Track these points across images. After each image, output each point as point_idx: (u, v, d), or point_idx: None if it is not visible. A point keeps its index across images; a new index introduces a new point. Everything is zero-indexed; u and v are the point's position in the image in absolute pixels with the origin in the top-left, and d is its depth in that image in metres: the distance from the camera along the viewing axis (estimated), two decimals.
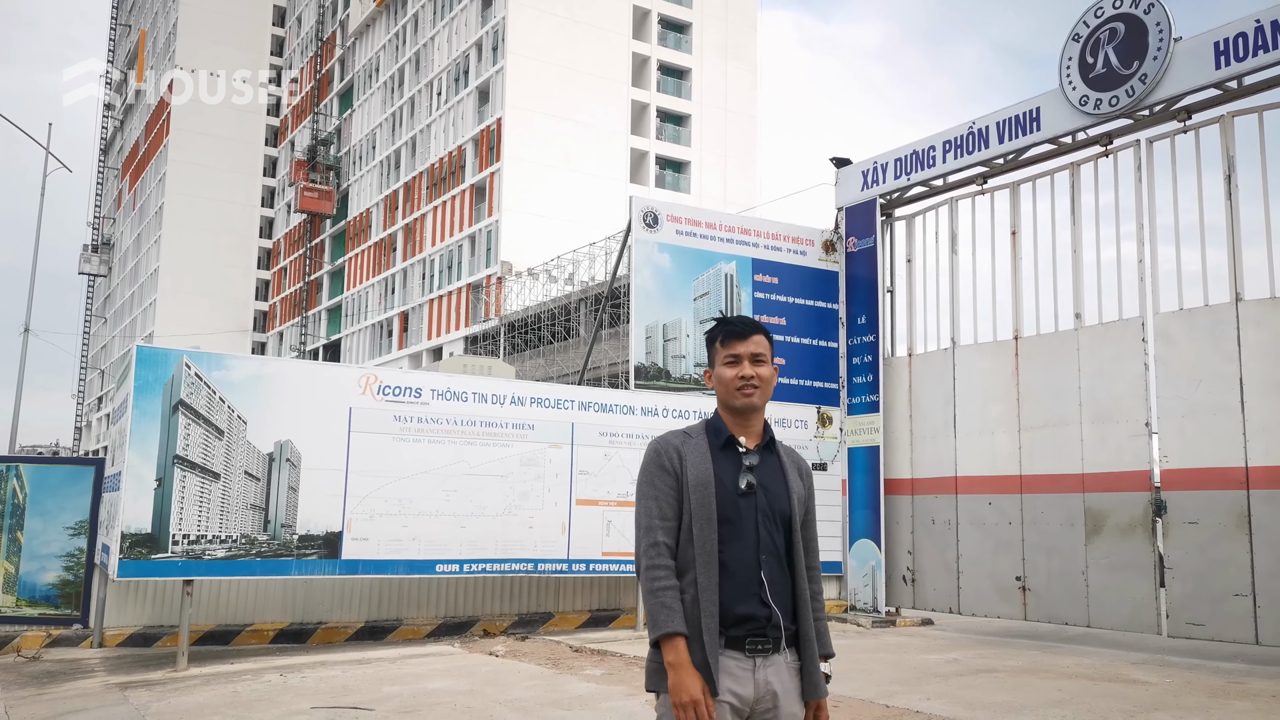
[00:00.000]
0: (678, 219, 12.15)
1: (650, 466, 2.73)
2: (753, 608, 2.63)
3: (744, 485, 2.71)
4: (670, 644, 2.55)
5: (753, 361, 2.82)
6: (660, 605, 2.59)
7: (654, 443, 2.81)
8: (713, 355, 2.89)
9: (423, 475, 9.98)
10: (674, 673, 2.54)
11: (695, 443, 2.78)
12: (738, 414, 2.82)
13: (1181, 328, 9.45)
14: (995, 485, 10.97)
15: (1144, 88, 9.74)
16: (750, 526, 2.68)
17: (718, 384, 2.85)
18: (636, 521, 2.72)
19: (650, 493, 2.70)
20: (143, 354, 8.90)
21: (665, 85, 56.97)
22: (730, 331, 2.86)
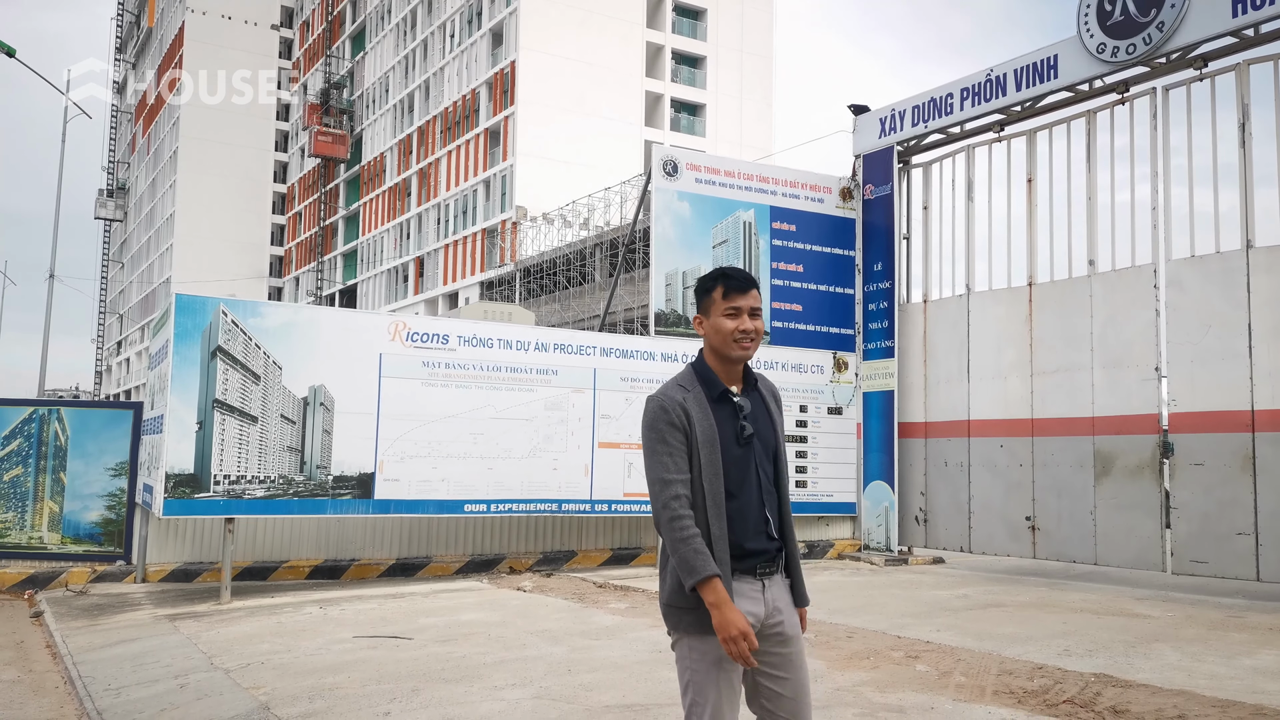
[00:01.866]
0: (697, 167, 12.32)
1: (659, 423, 2.81)
2: (761, 543, 2.84)
3: (745, 435, 2.87)
4: (708, 586, 2.70)
5: (751, 315, 2.91)
6: (693, 552, 2.72)
7: (658, 399, 2.86)
8: (708, 304, 2.95)
9: (451, 419, 10.31)
10: (718, 611, 2.68)
11: (694, 396, 2.87)
12: (729, 363, 2.92)
13: (1193, 274, 9.63)
14: (1007, 428, 11.24)
15: (1161, 35, 9.81)
16: (752, 472, 2.86)
17: (714, 334, 2.91)
18: (650, 476, 2.81)
19: (664, 449, 2.80)
20: (181, 302, 9.20)
21: (680, 26, 56.40)
22: (732, 285, 2.92)
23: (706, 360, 2.94)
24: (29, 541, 10.66)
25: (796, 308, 12.68)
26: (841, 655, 6.43)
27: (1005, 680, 5.68)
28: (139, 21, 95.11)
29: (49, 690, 6.42)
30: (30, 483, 10.60)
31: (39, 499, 10.64)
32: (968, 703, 5.18)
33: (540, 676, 5.83)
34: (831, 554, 12.58)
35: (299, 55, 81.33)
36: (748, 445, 2.86)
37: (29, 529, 10.65)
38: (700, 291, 2.99)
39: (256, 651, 6.78)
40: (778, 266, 12.65)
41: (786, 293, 12.66)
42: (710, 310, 2.92)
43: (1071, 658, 6.34)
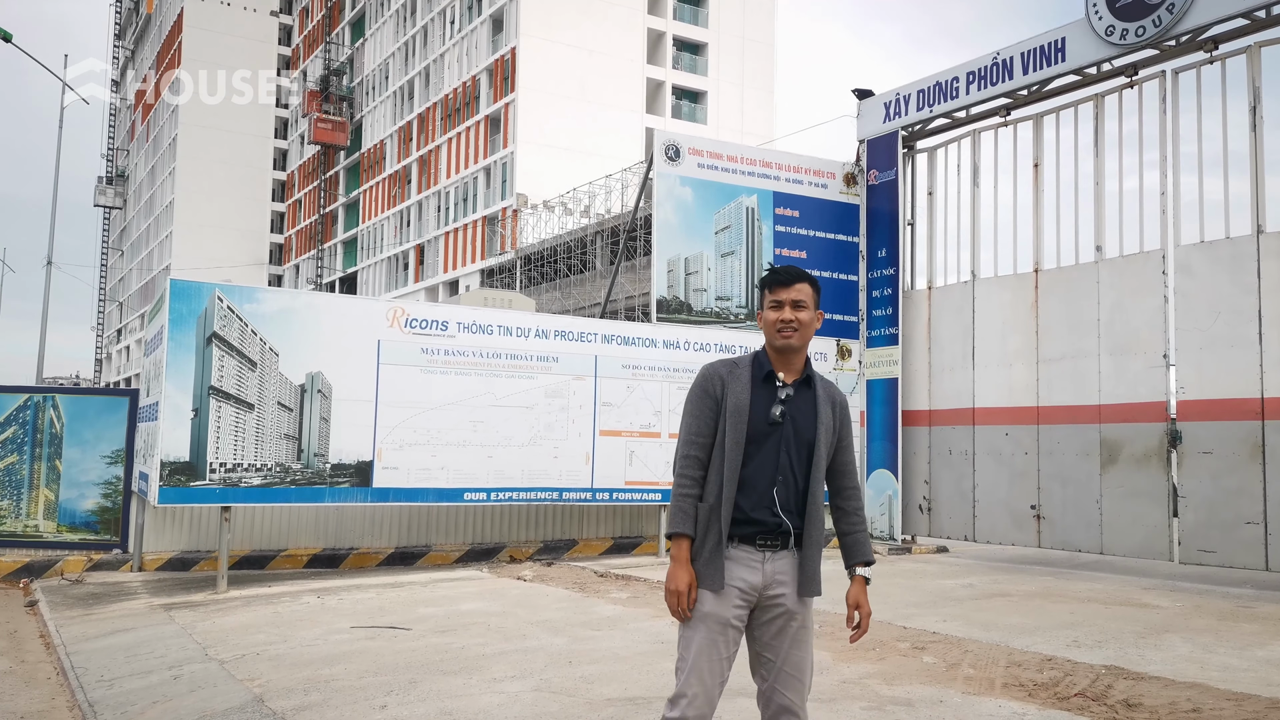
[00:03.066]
0: (699, 152, 12.17)
1: (697, 389, 3.13)
2: (763, 515, 3.04)
3: (776, 414, 3.09)
4: (677, 541, 3.06)
5: (793, 307, 3.13)
6: (678, 509, 3.08)
7: (705, 368, 3.18)
8: (762, 299, 3.21)
9: (450, 406, 10.20)
10: (672, 565, 3.05)
11: (740, 373, 3.14)
12: (779, 352, 3.15)
13: (1202, 260, 9.50)
14: (1012, 416, 11.12)
15: (1171, 18, 9.65)
16: (772, 452, 3.06)
17: (764, 325, 3.18)
18: (679, 433, 3.17)
19: (694, 410, 3.12)
20: (176, 287, 9.07)
21: (682, 13, 56.07)
22: (775, 279, 3.19)
23: (767, 350, 3.19)
24: (25, 530, 10.56)
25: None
26: (847, 646, 6.32)
27: (1014, 672, 5.58)
28: (138, 8, 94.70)
29: (41, 681, 6.32)
30: (26, 470, 10.50)
31: (34, 487, 10.53)
32: (977, 696, 5.08)
33: (541, 668, 5.72)
34: (834, 543, 12.44)
35: (298, 42, 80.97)
36: (776, 427, 3.07)
37: (25, 517, 10.55)
38: (760, 289, 3.29)
39: (252, 642, 6.68)
40: (780, 253, 12.51)
41: None
42: (763, 304, 3.20)
43: (1081, 649, 6.24)
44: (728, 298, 12.22)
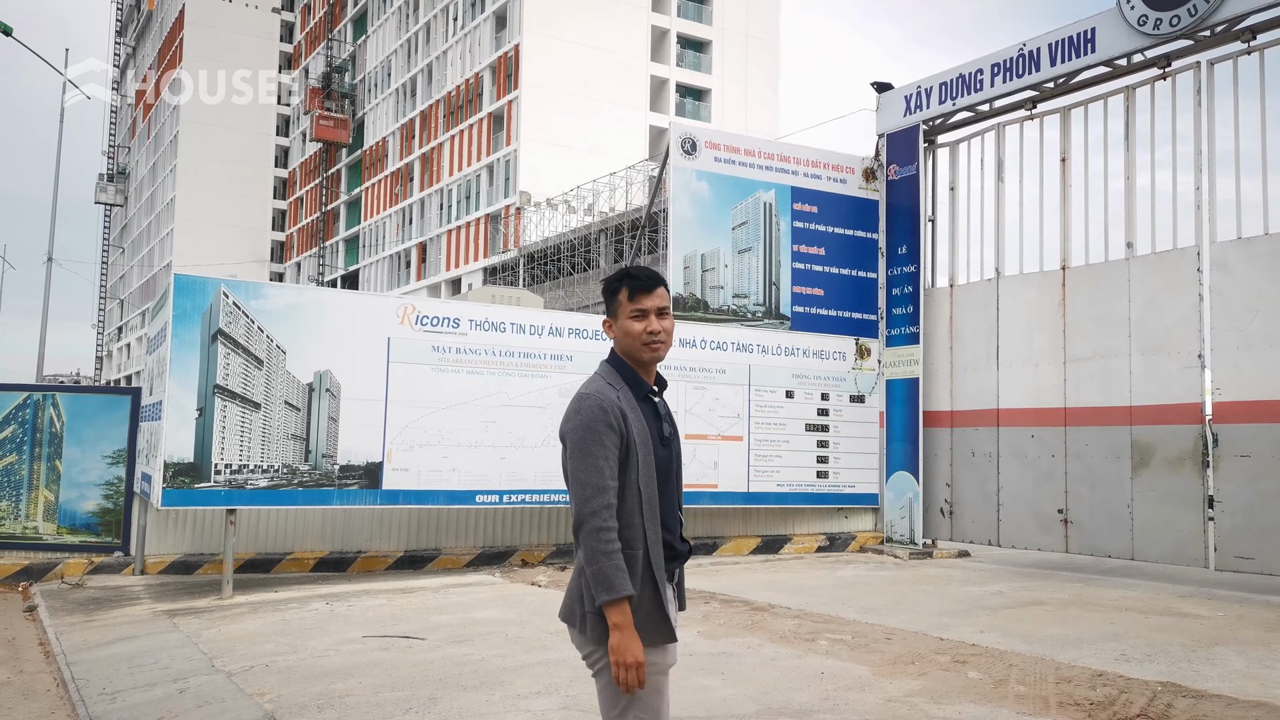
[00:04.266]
0: (716, 145, 11.87)
1: (597, 424, 2.66)
2: (676, 544, 2.79)
3: (666, 433, 2.82)
4: (620, 606, 2.56)
5: (658, 315, 2.81)
6: (615, 568, 2.58)
7: (595, 398, 2.70)
8: (614, 306, 2.84)
9: (462, 406, 9.90)
10: (620, 634, 2.55)
11: (625, 395, 2.76)
12: (642, 365, 2.83)
13: (1239, 257, 9.20)
14: (1038, 418, 10.83)
15: (1207, 7, 9.35)
16: (667, 475, 2.80)
17: (623, 336, 2.81)
18: (580, 478, 2.64)
19: (600, 452, 2.64)
20: (180, 282, 8.78)
21: (686, 10, 55.76)
22: (637, 285, 2.81)
23: (626, 361, 2.84)
24: (24, 532, 10.27)
25: (818, 292, 12.25)
26: (884, 659, 6.03)
27: (1066, 689, 5.28)
28: (139, 5, 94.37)
29: (40, 693, 6.03)
30: (25, 470, 10.20)
31: (34, 487, 10.24)
32: (1033, 716, 4.78)
33: (565, 683, 5.43)
34: (853, 547, 12.18)
35: (300, 39, 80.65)
36: (668, 446, 2.82)
37: (24, 518, 10.25)
38: (607, 293, 2.87)
39: (260, 652, 6.39)
40: (799, 249, 12.22)
41: (808, 276, 12.24)
42: (618, 312, 2.83)
43: (1130, 663, 5.94)
44: (745, 295, 11.92)
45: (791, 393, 11.79)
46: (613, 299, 2.85)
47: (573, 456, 2.66)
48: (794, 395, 11.81)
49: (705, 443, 11.21)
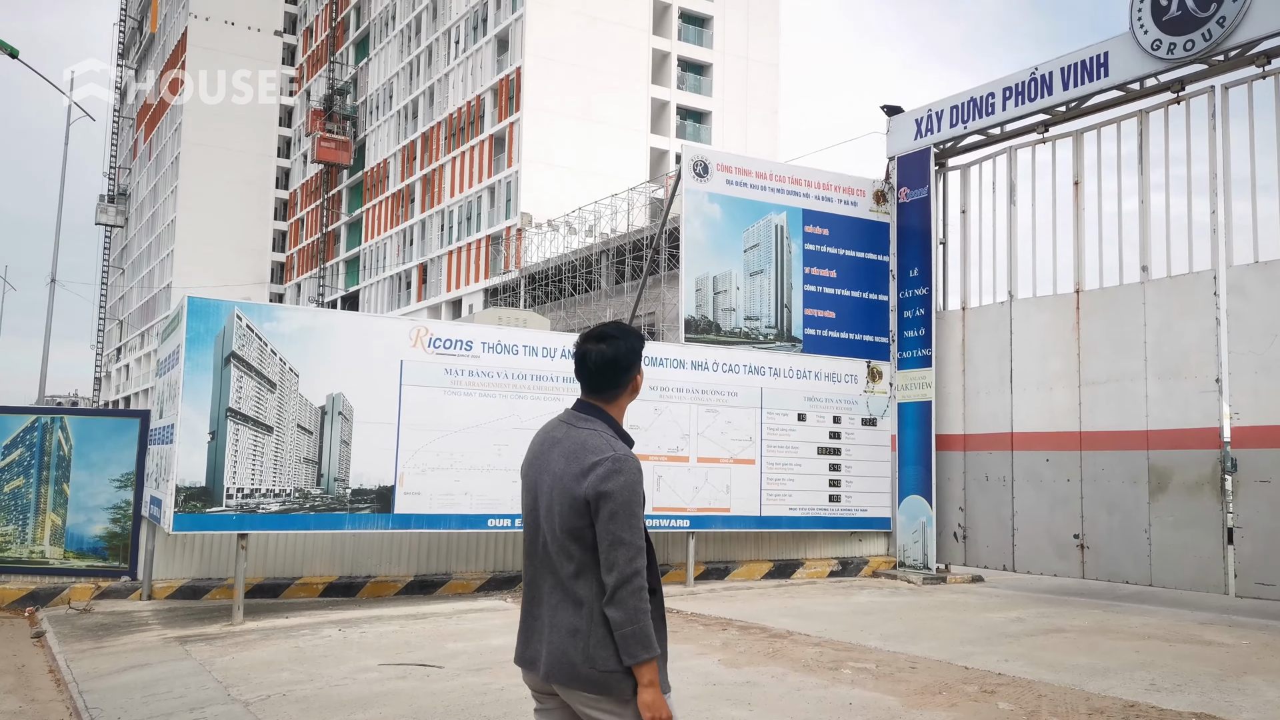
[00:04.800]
0: (728, 168, 11.85)
1: (638, 485, 2.65)
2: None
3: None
4: (654, 663, 2.58)
5: None
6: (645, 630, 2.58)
7: (633, 460, 2.69)
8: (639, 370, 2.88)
9: (474, 429, 9.83)
10: (653, 690, 2.56)
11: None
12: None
13: (1257, 281, 9.16)
14: (1053, 441, 10.76)
15: (1222, 31, 9.36)
16: None
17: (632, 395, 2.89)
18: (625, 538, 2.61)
19: (640, 512, 2.66)
20: (194, 305, 8.72)
21: (686, 34, 56.06)
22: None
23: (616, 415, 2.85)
24: (30, 556, 10.16)
25: (829, 314, 12.21)
26: (911, 690, 5.94)
27: None
28: (141, 27, 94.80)
29: None
30: (32, 494, 10.11)
31: (41, 511, 10.14)
32: None
33: None
34: (866, 571, 12.08)
35: (302, 61, 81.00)
36: None
37: (30, 543, 10.15)
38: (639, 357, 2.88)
39: (276, 681, 6.29)
40: (810, 271, 12.18)
41: (819, 299, 12.20)
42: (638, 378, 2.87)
43: (1161, 693, 5.85)
44: (757, 318, 11.88)
45: (804, 416, 11.72)
46: (639, 364, 2.84)
47: (615, 517, 2.59)
48: (806, 418, 11.74)
49: (718, 466, 11.13)
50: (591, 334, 2.87)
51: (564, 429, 2.82)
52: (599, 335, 2.85)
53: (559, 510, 2.66)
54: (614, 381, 2.82)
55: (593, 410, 2.81)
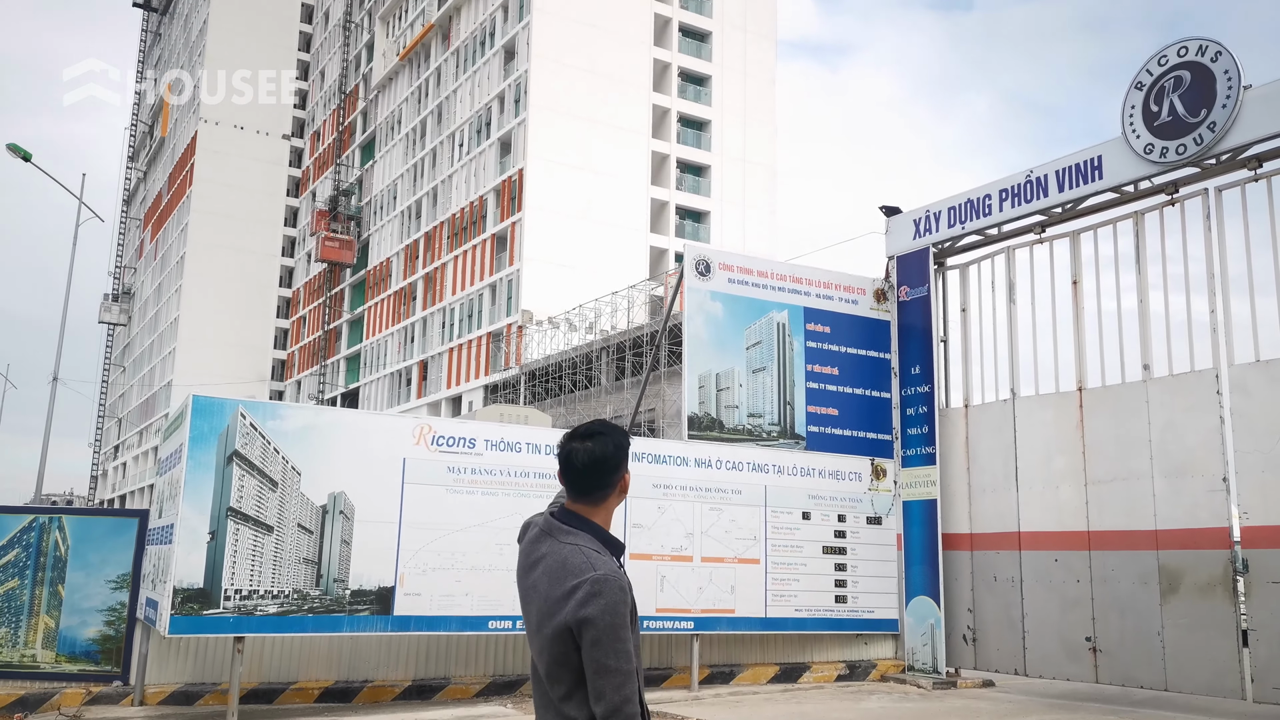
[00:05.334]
0: (730, 267, 12.00)
1: (621, 608, 2.51)
2: None
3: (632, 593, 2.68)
4: None
5: None
6: None
7: (615, 579, 2.54)
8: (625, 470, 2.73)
9: (475, 528, 9.73)
10: None
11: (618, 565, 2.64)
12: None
13: (1259, 379, 9.19)
14: (1061, 541, 10.64)
15: (1213, 136, 9.58)
16: None
17: (619, 497, 2.73)
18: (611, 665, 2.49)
19: (627, 635, 2.52)
20: (199, 404, 8.72)
21: (685, 137, 57.39)
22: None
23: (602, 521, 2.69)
24: (21, 659, 9.93)
25: (832, 412, 12.21)
26: None
27: None
28: (152, 131, 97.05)
29: None
30: (26, 596, 9.94)
31: (35, 613, 9.95)
32: None
33: None
34: (874, 675, 11.81)
35: (309, 164, 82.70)
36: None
37: (22, 646, 9.94)
38: (626, 456, 2.72)
39: None
40: (813, 369, 12.23)
41: (822, 396, 12.21)
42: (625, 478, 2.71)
43: None
44: (760, 415, 11.87)
45: (808, 514, 11.62)
46: (626, 462, 2.70)
47: (598, 644, 2.46)
48: (811, 516, 11.63)
49: (722, 565, 10.99)
50: (577, 432, 2.73)
51: (547, 543, 2.68)
52: (585, 433, 2.71)
53: (545, 635, 2.55)
54: (601, 482, 2.67)
55: (575, 520, 2.67)
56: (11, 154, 26.29)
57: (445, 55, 62.16)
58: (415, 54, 66.00)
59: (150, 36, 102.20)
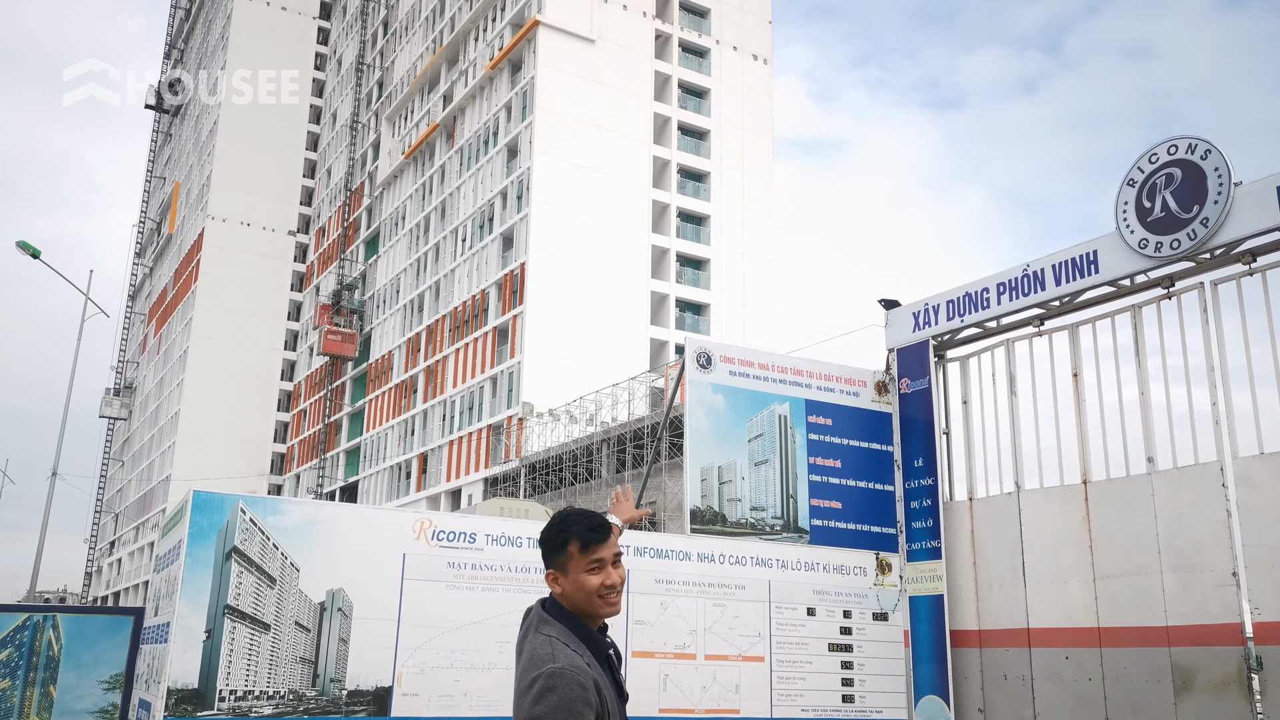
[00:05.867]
0: (731, 360, 12.06)
1: (577, 705, 2.44)
2: None
3: (626, 690, 2.71)
4: None
5: (615, 563, 2.65)
6: None
7: (572, 675, 2.49)
8: (563, 560, 2.67)
9: (476, 625, 9.56)
10: None
11: (591, 660, 2.59)
12: (595, 620, 2.67)
13: (1264, 472, 9.15)
14: (1071, 638, 10.46)
15: (1206, 231, 9.72)
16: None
17: (577, 591, 2.64)
18: None
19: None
20: (199, 499, 8.67)
21: (685, 231, 58.30)
22: (593, 537, 2.64)
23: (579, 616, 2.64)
24: None
25: (836, 505, 12.13)
26: None
27: None
28: (160, 227, 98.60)
29: None
30: (16, 698, 9.73)
31: (25, 715, 9.73)
32: None
33: None
34: None
35: (314, 259, 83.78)
36: (624, 699, 2.71)
37: None
38: (552, 545, 2.70)
39: None
40: (815, 461, 12.18)
41: (825, 489, 12.14)
42: (568, 566, 2.65)
43: None
44: (763, 508, 11.79)
45: (813, 610, 11.44)
46: (560, 552, 2.66)
47: None
48: (816, 612, 11.45)
49: (726, 664, 10.77)
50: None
51: (530, 635, 2.67)
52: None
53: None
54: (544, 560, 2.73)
55: (556, 611, 2.67)
56: (21, 251, 26.68)
57: (449, 153, 63.52)
58: (420, 152, 67.47)
59: (161, 137, 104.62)
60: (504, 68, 57.89)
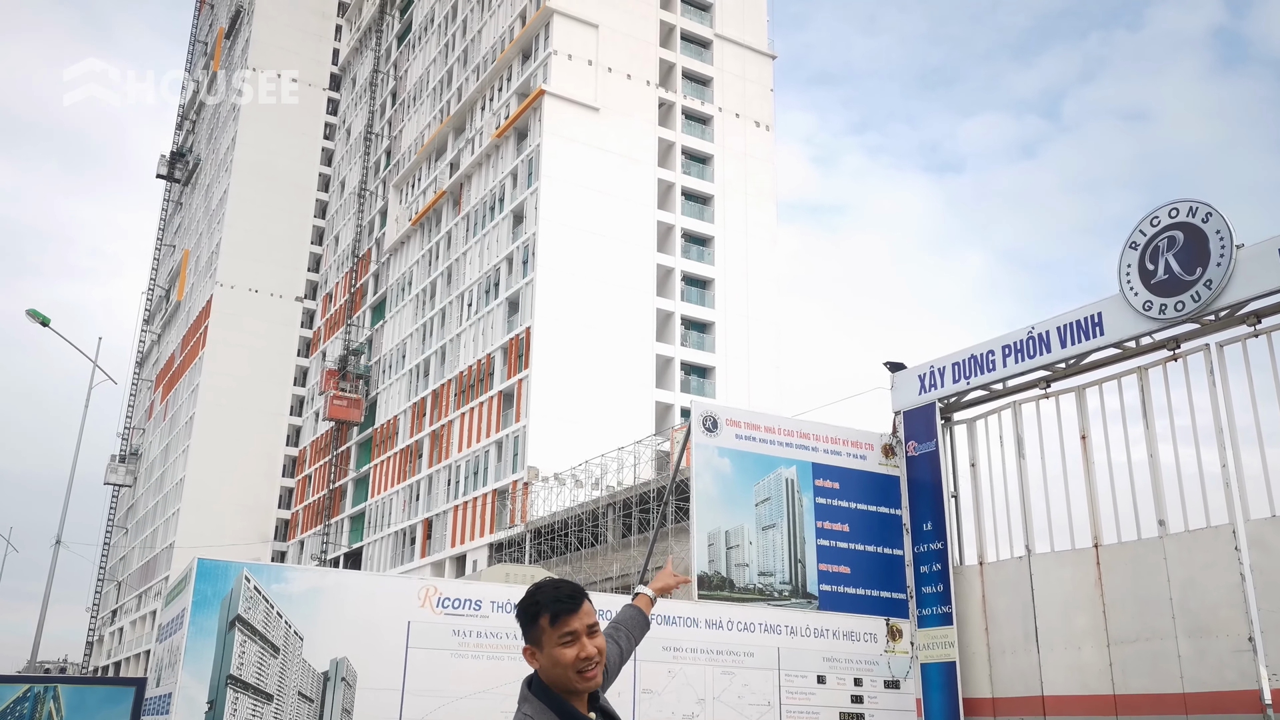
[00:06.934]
0: (737, 423, 12.04)
1: None
2: None
3: None
4: None
5: (589, 634, 2.59)
6: None
7: None
8: (535, 634, 2.61)
9: (480, 694, 9.43)
10: None
11: None
12: (577, 695, 2.60)
13: (1278, 535, 9.06)
14: (1087, 705, 10.27)
15: (1210, 293, 9.75)
16: None
17: (553, 666, 2.59)
18: None
19: None
20: (203, 567, 8.62)
21: (689, 295, 58.55)
22: (561, 608, 2.58)
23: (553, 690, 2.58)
24: None
25: (844, 570, 12.01)
26: None
27: None
28: (169, 295, 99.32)
29: None
30: None
31: None
32: None
33: None
34: None
35: (321, 324, 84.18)
36: None
37: None
38: (525, 619, 2.63)
39: None
40: (823, 525, 12.09)
41: (833, 553, 12.03)
42: (541, 640, 2.59)
43: None
44: (770, 573, 11.67)
45: (823, 678, 11.26)
46: (532, 626, 2.60)
47: None
48: (826, 680, 11.27)
49: None
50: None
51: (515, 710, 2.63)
52: None
53: None
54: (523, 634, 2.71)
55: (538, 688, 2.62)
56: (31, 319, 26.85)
57: (456, 219, 64.17)
58: (427, 219, 68.18)
59: (171, 205, 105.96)
60: (510, 136, 58.77)
